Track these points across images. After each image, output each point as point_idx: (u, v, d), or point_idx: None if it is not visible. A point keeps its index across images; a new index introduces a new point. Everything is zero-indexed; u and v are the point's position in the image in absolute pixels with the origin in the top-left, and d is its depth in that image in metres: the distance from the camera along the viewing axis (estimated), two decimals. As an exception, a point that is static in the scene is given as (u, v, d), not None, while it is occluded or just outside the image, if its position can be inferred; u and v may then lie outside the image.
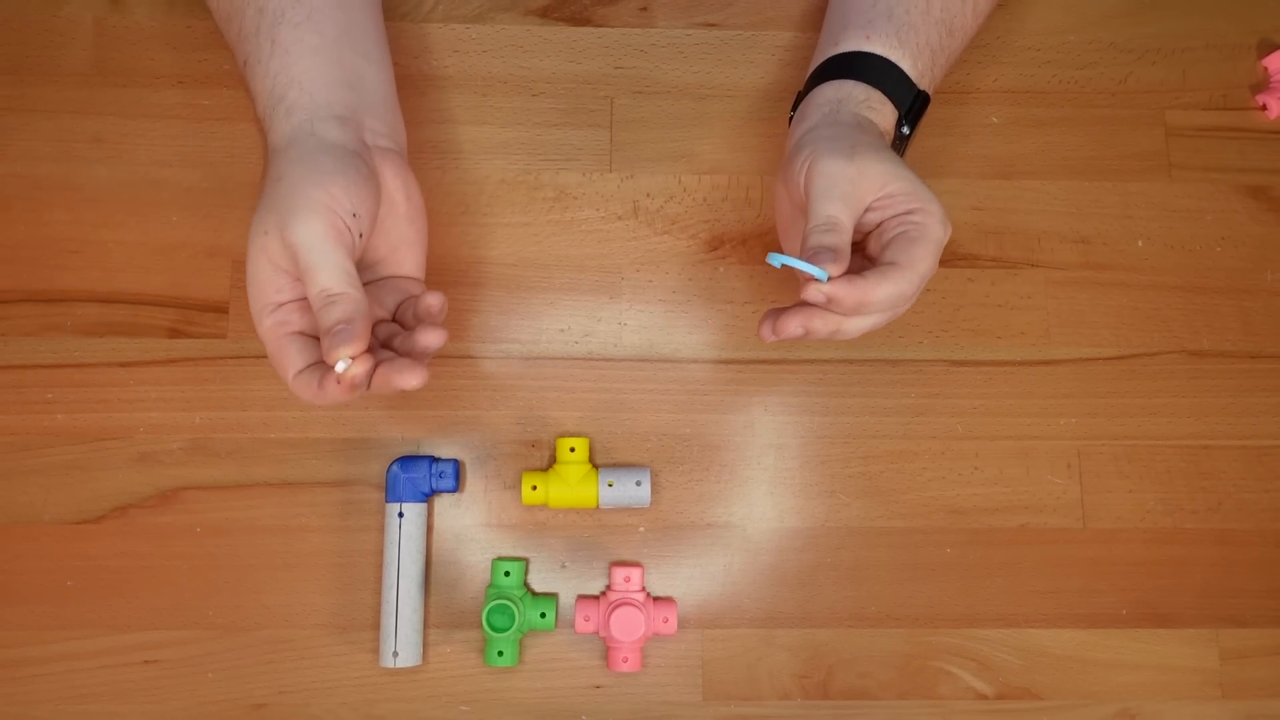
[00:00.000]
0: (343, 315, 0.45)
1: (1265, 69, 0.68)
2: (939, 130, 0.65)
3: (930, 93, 0.57)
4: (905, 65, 0.55)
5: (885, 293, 0.47)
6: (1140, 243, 0.65)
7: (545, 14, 0.67)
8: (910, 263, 0.48)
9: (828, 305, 0.48)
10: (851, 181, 0.48)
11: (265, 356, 0.61)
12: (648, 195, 0.65)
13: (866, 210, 0.50)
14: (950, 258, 0.64)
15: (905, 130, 0.55)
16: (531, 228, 0.64)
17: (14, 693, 0.58)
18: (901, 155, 0.56)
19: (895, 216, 0.49)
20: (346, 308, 0.46)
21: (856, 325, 0.50)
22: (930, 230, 0.49)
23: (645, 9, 0.67)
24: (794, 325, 0.49)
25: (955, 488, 0.62)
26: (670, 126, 0.66)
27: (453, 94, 0.65)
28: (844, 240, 0.47)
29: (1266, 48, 0.68)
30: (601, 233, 0.64)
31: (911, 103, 0.55)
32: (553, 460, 0.61)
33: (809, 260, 0.47)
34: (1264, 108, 0.67)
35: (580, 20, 0.67)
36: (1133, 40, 0.68)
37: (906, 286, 0.48)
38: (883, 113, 0.54)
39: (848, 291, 0.47)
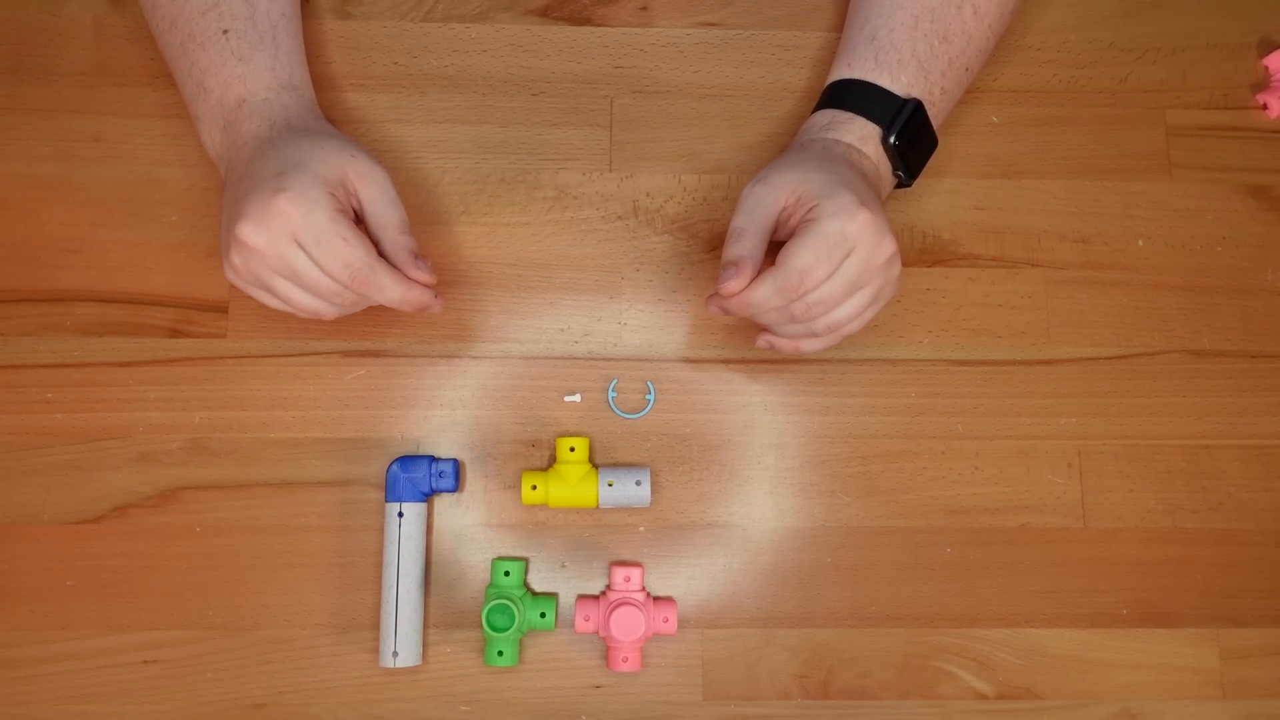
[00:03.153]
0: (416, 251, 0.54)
1: (1266, 68, 0.68)
2: (939, 130, 0.65)
3: (930, 98, 0.59)
4: (884, 82, 0.58)
5: (761, 293, 0.52)
6: (1140, 242, 0.65)
7: (545, 14, 0.67)
8: (782, 259, 0.52)
9: (728, 311, 0.54)
10: (757, 196, 0.54)
11: (265, 356, 0.61)
12: (648, 195, 0.65)
13: (785, 215, 0.54)
14: (950, 257, 0.64)
15: (893, 140, 0.58)
16: (531, 228, 0.64)
17: (14, 693, 0.58)
18: (901, 161, 0.59)
19: (802, 218, 0.53)
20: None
21: (813, 344, 0.56)
22: (816, 224, 0.52)
23: (645, 9, 0.67)
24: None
25: (955, 488, 0.62)
26: (670, 126, 0.66)
27: (453, 94, 0.65)
28: (744, 248, 0.53)
29: (1267, 47, 0.68)
30: (601, 232, 0.64)
31: (896, 113, 0.58)
32: (553, 460, 0.61)
33: (722, 275, 0.53)
34: (1264, 107, 0.67)
35: (580, 20, 0.67)
36: (1133, 40, 0.68)
37: (784, 281, 0.51)
38: (850, 128, 0.58)
39: (726, 301, 0.53)
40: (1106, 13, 0.68)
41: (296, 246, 0.50)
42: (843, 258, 0.52)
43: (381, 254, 0.53)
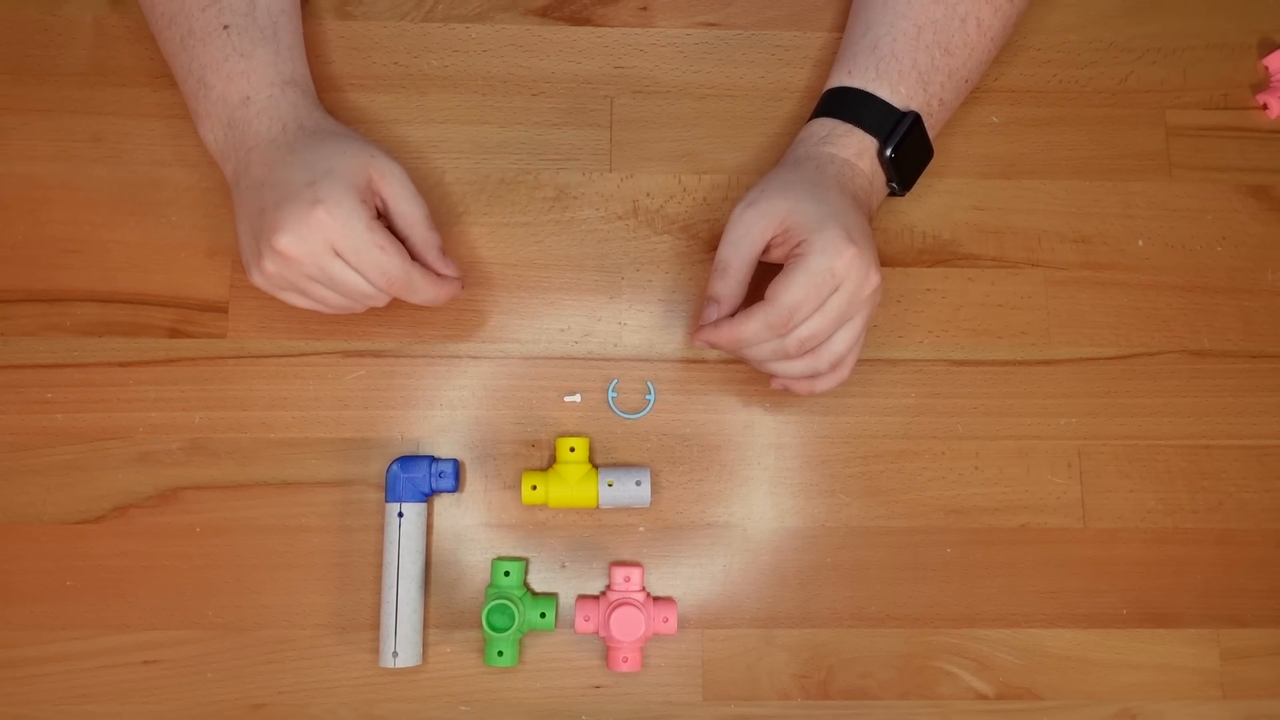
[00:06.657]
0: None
1: (1266, 68, 0.68)
2: (936, 137, 0.65)
3: (928, 110, 0.59)
4: (884, 93, 0.58)
5: (751, 329, 0.53)
6: (1141, 242, 0.65)
7: (545, 14, 0.67)
8: (772, 295, 0.53)
9: (717, 346, 0.55)
10: (746, 224, 0.55)
11: (265, 356, 0.61)
12: (648, 195, 0.65)
13: (771, 247, 0.55)
14: (950, 258, 0.64)
15: (889, 153, 0.58)
16: (531, 228, 0.64)
17: (14, 693, 0.58)
18: (897, 173, 0.59)
19: (790, 252, 0.54)
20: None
21: (825, 382, 0.56)
22: (805, 261, 0.53)
23: (645, 9, 0.67)
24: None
25: (955, 488, 0.62)
26: (670, 126, 0.66)
27: (453, 94, 0.65)
28: (728, 285, 0.55)
29: (1267, 47, 0.68)
30: (601, 232, 0.64)
31: (894, 125, 0.58)
32: (553, 460, 0.61)
33: (705, 311, 0.56)
34: (1265, 107, 0.67)
35: (580, 20, 0.67)
36: (1133, 40, 0.68)
37: (774, 316, 0.52)
38: (847, 141, 0.58)
39: (714, 335, 0.54)
40: (1106, 13, 0.68)
41: (334, 255, 0.52)
42: (830, 293, 0.53)
43: (410, 251, 0.55)
